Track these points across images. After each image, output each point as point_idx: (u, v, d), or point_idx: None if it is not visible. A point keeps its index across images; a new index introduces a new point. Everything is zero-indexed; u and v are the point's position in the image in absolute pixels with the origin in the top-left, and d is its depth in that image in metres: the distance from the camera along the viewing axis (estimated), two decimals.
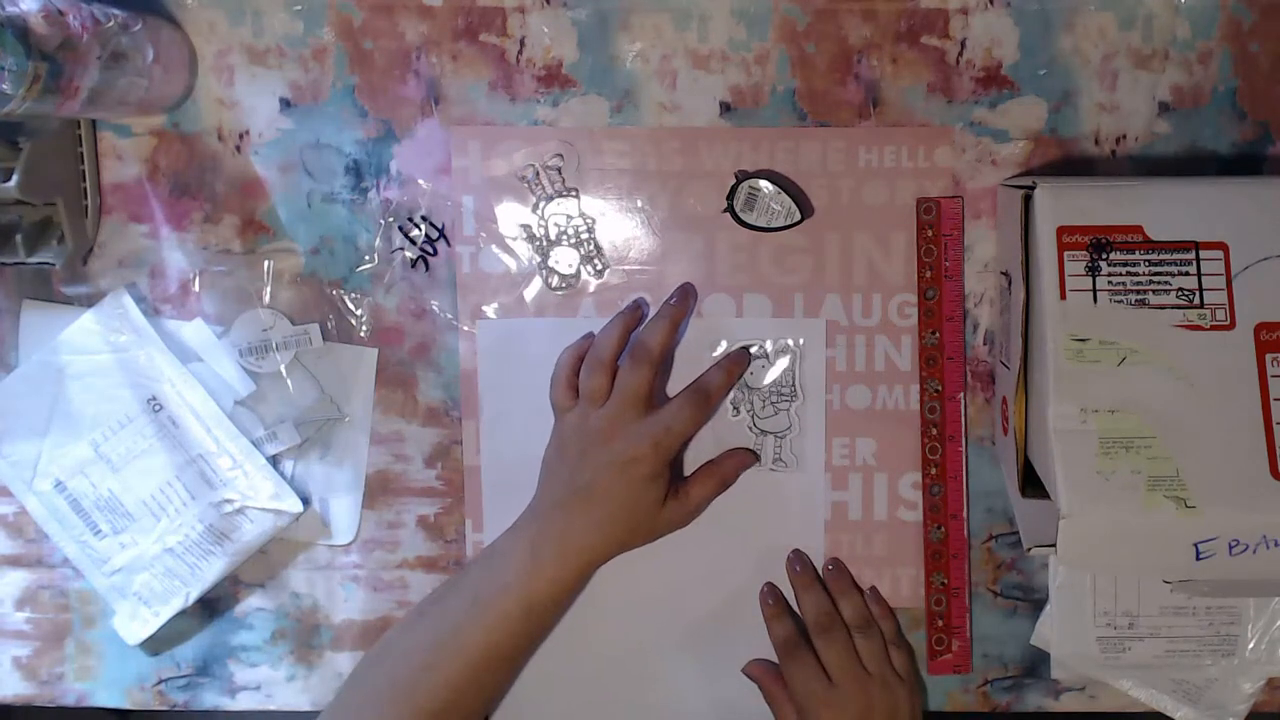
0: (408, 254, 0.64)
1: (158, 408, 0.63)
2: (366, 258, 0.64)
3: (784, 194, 0.61)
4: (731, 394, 0.64)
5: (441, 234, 0.64)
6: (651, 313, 0.63)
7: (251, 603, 0.66)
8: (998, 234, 0.63)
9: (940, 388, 0.64)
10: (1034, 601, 0.65)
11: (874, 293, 0.64)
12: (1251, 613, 0.64)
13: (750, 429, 0.64)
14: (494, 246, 0.64)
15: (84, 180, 0.62)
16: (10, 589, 0.66)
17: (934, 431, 0.64)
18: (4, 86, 0.47)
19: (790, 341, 0.64)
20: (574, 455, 0.60)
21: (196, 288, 0.64)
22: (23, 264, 0.59)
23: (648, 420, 0.59)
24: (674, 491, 0.61)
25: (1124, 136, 0.62)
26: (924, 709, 0.65)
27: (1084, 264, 0.51)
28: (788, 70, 0.62)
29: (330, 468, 0.65)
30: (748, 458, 0.64)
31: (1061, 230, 0.52)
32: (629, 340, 0.61)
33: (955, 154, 0.62)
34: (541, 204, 0.63)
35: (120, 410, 0.63)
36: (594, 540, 0.59)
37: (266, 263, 0.64)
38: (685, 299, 0.63)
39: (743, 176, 0.62)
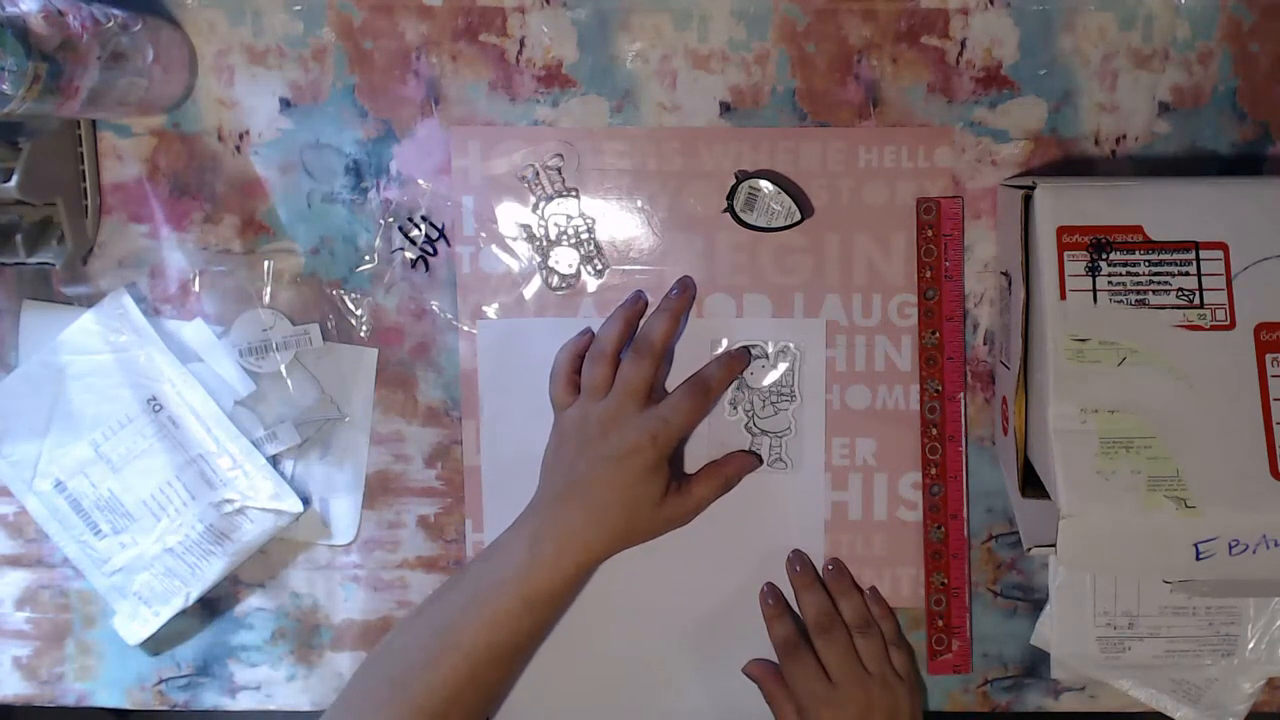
0: (408, 254, 0.64)
1: (158, 408, 0.63)
2: (366, 258, 0.64)
3: (784, 194, 0.61)
4: (730, 392, 0.64)
5: (441, 234, 0.64)
6: (652, 309, 0.63)
7: (251, 603, 0.66)
8: (998, 234, 0.62)
9: (940, 388, 0.64)
10: (1034, 601, 0.65)
11: (874, 293, 0.64)
12: (1251, 613, 0.64)
13: (747, 428, 0.64)
14: (494, 246, 0.64)
15: (84, 180, 0.62)
16: (10, 589, 0.66)
17: (934, 431, 0.64)
18: (4, 86, 0.47)
19: (791, 345, 0.64)
20: (573, 450, 0.60)
21: (196, 288, 0.64)
22: (23, 264, 0.59)
23: (646, 414, 0.59)
24: (675, 487, 0.61)
25: (1124, 136, 0.62)
26: (924, 709, 0.65)
27: (1084, 264, 0.51)
28: (788, 70, 0.62)
29: (330, 468, 0.65)
30: (751, 461, 0.64)
31: (1061, 230, 0.52)
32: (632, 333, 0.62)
33: (955, 154, 0.62)
34: (541, 204, 0.63)
35: (120, 410, 0.63)
36: (593, 534, 0.59)
37: (266, 263, 0.64)
38: (686, 292, 0.63)
39: (743, 176, 0.62)
